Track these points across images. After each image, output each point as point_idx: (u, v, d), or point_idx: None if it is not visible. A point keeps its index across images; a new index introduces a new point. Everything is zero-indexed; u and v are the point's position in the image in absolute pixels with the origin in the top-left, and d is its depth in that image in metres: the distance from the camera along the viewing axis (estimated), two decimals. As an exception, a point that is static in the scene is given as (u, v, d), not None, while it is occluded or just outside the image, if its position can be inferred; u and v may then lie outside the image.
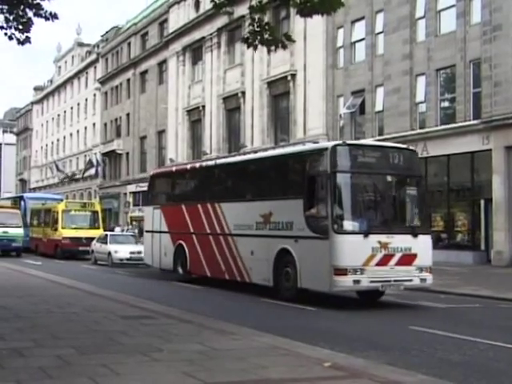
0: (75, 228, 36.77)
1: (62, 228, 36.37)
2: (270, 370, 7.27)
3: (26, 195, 50.44)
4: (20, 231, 36.57)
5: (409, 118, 32.23)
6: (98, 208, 40.30)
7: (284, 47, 12.00)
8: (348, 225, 14.97)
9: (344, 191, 15.17)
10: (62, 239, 35.81)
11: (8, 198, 60.24)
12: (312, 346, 9.06)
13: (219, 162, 23.37)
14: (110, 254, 30.61)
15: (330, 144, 16.06)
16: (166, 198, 24.11)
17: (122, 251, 30.36)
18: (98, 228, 37.75)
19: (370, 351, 9.55)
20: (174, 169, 26.27)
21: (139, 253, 29.93)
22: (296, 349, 8.71)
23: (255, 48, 12.12)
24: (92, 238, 34.46)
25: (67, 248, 35.81)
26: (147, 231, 24.51)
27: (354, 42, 36.31)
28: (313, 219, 15.43)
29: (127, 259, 30.16)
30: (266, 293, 18.02)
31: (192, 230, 21.15)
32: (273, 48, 12.06)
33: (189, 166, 24.45)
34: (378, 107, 34.39)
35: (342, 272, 14.56)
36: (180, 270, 21.88)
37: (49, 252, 36.96)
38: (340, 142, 17.39)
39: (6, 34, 12.63)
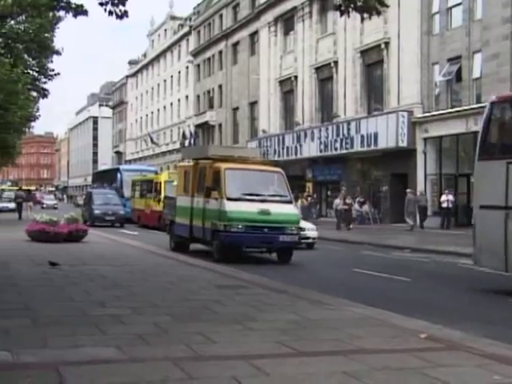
0: None
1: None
2: (365, 341, 7.21)
3: (121, 167, 51.47)
4: (293, 211, 19.55)
5: (509, 84, 31.00)
6: None
7: (378, 13, 11.68)
8: None
9: None
10: None
11: (105, 170, 61.82)
12: (407, 317, 8.92)
13: None
14: None
15: None
16: None
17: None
18: None
19: (468, 323, 9.32)
20: None
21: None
22: (391, 320, 8.61)
23: (348, 15, 11.84)
24: None
25: None
26: (486, 207, 13.22)
27: (451, 7, 35.18)
28: None
29: None
30: (355, 264, 17.91)
31: None
32: (366, 15, 11.76)
33: None
34: (476, 74, 33.30)
35: None
36: None
37: (151, 223, 34.93)
38: None
39: (105, 9, 12.79)
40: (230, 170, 18.95)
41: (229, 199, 18.08)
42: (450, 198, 32.81)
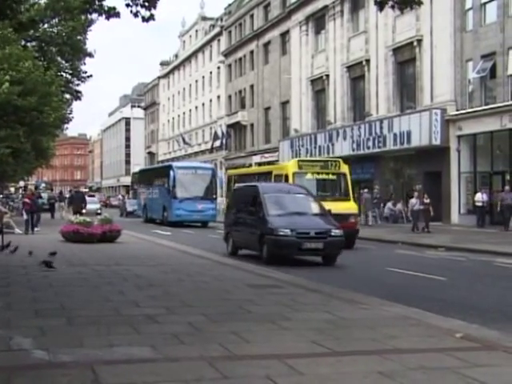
0: None
1: None
2: (400, 340, 7.16)
3: (174, 164, 45.13)
4: None
5: (543, 80, 30.67)
6: (345, 169, 26.46)
7: (419, 3, 11.70)
8: None
9: None
10: None
11: (152, 169, 59.80)
12: (443, 317, 8.84)
13: None
14: None
15: None
16: None
17: None
18: (348, 199, 25.73)
19: (505, 323, 9.20)
20: None
21: None
22: (426, 319, 8.54)
23: (393, 9, 11.80)
24: (342, 215, 22.03)
25: None
26: None
27: (485, 3, 34.71)
28: None
29: None
30: (389, 262, 17.80)
31: None
32: (406, 9, 11.79)
33: None
34: (510, 70, 32.79)
35: None
36: None
37: None
38: None
39: (131, 11, 12.75)
40: None
41: None
42: (485, 197, 32.21)
